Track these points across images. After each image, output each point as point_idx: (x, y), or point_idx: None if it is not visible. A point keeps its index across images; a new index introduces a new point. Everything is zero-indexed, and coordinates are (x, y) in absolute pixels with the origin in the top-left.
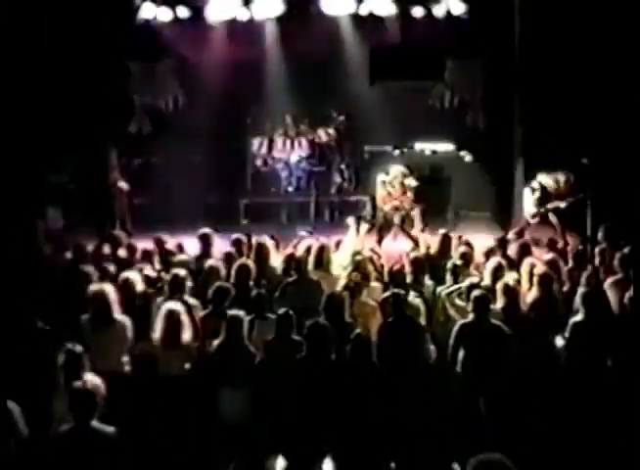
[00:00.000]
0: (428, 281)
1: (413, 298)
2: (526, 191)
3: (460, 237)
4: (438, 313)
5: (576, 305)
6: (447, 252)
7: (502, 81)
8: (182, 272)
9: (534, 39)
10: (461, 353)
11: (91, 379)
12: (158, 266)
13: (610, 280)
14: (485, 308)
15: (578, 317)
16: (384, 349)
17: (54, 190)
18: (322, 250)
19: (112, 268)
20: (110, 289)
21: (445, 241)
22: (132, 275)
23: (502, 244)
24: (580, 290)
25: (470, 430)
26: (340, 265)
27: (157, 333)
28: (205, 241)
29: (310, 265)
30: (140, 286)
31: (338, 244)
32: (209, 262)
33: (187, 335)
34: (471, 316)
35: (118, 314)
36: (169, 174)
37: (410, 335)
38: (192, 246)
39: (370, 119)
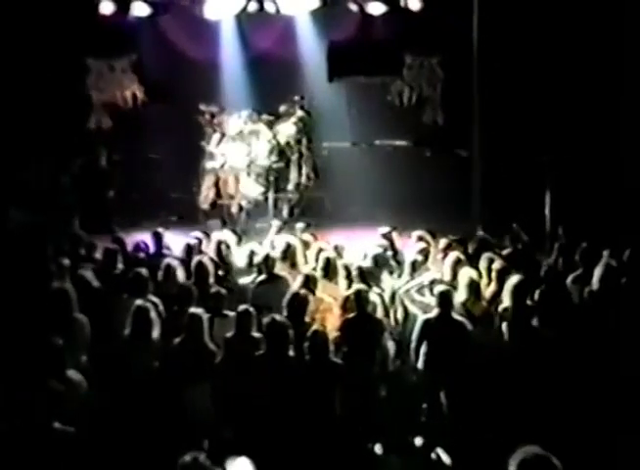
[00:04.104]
0: (386, 277)
1: (372, 294)
2: None
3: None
4: (397, 310)
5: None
6: None
7: (460, 78)
8: (144, 271)
9: (493, 36)
10: (424, 348)
11: (74, 376)
12: (120, 265)
13: (571, 276)
14: (449, 304)
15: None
16: (344, 345)
17: (19, 189)
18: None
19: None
20: (70, 287)
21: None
22: (87, 273)
23: (461, 241)
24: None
25: (431, 424)
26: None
27: (126, 330)
28: (158, 239)
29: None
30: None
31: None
32: (166, 261)
33: (156, 332)
34: (435, 311)
35: (78, 313)
36: (128, 171)
37: (370, 331)
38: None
39: (328, 116)
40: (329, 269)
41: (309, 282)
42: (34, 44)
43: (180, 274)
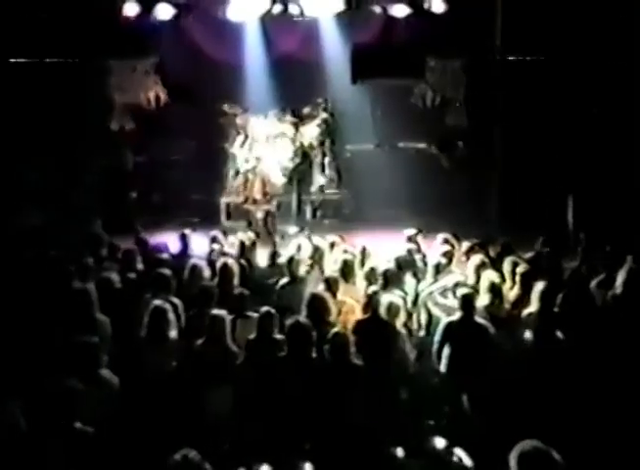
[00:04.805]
0: (409, 279)
1: (393, 297)
2: None
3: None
4: (420, 313)
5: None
6: None
7: (483, 80)
8: (167, 271)
9: (516, 38)
10: (446, 351)
11: (107, 375)
12: (140, 266)
13: (595, 280)
14: (472, 307)
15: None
16: (358, 348)
17: (33, 188)
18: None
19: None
20: (91, 287)
21: None
22: (112, 275)
23: (483, 244)
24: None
25: (453, 427)
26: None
27: (143, 330)
28: (184, 241)
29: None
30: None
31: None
32: (192, 262)
33: (173, 332)
34: (457, 314)
35: (99, 313)
36: (150, 172)
37: (382, 334)
38: (172, 244)
39: (352, 118)
40: (346, 271)
41: (331, 284)
42: (56, 44)
43: (206, 275)
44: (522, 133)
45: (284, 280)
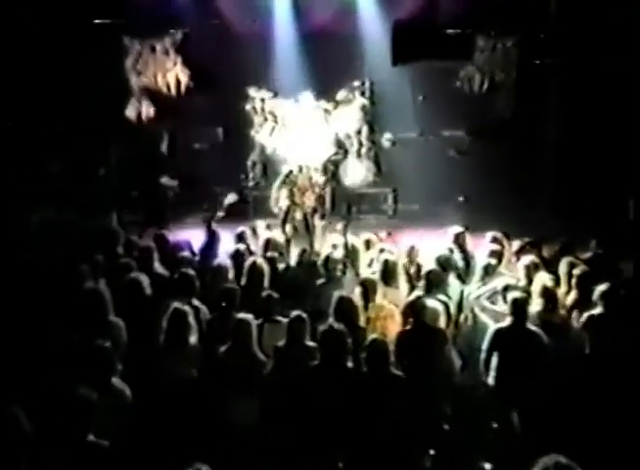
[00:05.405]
0: (453, 281)
1: (433, 301)
2: None
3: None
4: (466, 318)
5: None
6: None
7: (537, 60)
8: (191, 271)
9: (572, 14)
10: (494, 361)
11: (118, 384)
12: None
13: None
14: (523, 313)
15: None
16: (400, 358)
17: (47, 182)
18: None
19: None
20: (104, 288)
21: None
22: (140, 276)
23: (535, 244)
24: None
25: (501, 446)
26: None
27: (162, 334)
28: (210, 237)
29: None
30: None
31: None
32: (217, 262)
33: (193, 337)
34: (508, 320)
35: (113, 316)
36: (172, 163)
37: (428, 343)
38: (195, 240)
39: (392, 104)
40: (387, 273)
41: (368, 287)
42: (66, 21)
43: (231, 276)
44: (579, 122)
45: (319, 281)
